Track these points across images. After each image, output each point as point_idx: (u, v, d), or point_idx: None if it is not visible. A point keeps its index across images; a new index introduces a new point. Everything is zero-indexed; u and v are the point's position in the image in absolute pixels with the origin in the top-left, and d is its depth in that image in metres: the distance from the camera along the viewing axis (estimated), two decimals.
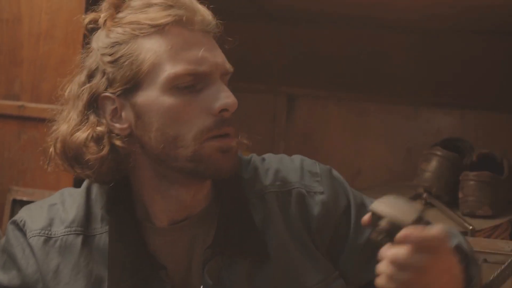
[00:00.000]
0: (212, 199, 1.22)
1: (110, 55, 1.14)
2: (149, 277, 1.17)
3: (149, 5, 1.14)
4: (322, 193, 1.24)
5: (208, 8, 1.20)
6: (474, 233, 1.84)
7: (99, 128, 1.15)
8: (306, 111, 2.89)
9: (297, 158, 1.31)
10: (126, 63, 1.13)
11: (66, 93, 1.21)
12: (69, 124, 1.18)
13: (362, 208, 1.26)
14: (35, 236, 1.21)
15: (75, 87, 1.20)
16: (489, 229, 1.93)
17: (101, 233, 1.20)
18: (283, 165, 1.28)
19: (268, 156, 1.31)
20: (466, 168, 2.11)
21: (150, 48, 1.12)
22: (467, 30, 2.63)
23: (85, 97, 1.16)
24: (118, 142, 1.14)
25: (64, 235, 1.21)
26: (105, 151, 1.14)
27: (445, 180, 2.11)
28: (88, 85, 1.17)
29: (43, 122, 2.03)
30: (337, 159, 2.79)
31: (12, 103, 2.04)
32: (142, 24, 1.13)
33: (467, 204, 2.01)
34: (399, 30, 2.72)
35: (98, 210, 1.22)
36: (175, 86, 1.12)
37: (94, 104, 1.16)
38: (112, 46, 1.14)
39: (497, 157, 2.16)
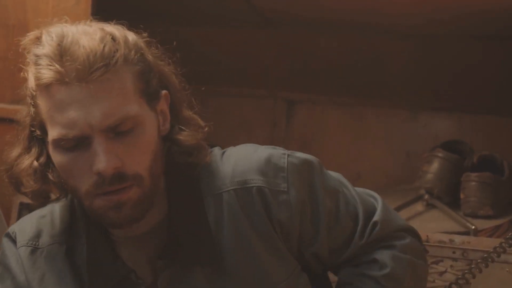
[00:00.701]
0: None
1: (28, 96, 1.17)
2: (123, 281, 1.19)
3: (39, 57, 1.11)
4: (285, 192, 1.18)
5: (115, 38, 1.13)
6: (476, 232, 1.87)
7: (36, 162, 1.17)
8: (306, 116, 2.92)
9: (266, 149, 1.23)
10: (33, 112, 1.16)
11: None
12: (16, 150, 1.21)
13: (338, 205, 1.22)
14: (23, 246, 1.25)
15: (24, 108, 1.22)
16: (491, 229, 1.96)
17: (82, 243, 1.23)
18: (245, 159, 1.20)
19: (230, 149, 1.25)
20: (467, 170, 2.14)
21: (40, 107, 1.13)
22: (465, 35, 2.66)
23: (27, 124, 1.20)
24: (50, 176, 1.17)
25: (49, 244, 1.24)
26: (38, 184, 1.17)
27: (446, 182, 2.14)
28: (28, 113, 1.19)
29: None
30: (337, 164, 2.81)
31: (19, 108, 2.05)
32: (32, 85, 1.14)
33: (468, 204, 2.05)
34: (397, 35, 2.75)
35: (80, 220, 1.24)
36: (59, 146, 1.12)
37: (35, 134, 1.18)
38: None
39: (498, 159, 2.20)
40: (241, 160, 1.20)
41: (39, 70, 1.10)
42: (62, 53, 1.08)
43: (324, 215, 1.20)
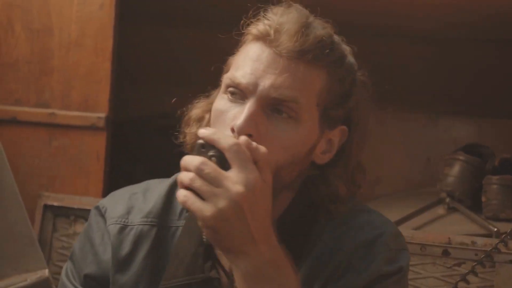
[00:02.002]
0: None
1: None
2: (202, 282, 1.17)
3: (263, 17, 1.16)
4: None
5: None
6: (499, 234, 1.86)
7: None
8: None
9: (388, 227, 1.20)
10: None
11: None
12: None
13: None
14: (112, 224, 1.23)
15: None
16: None
17: (176, 226, 1.22)
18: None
19: (363, 212, 1.22)
20: (488, 173, 2.14)
21: (239, 53, 1.17)
22: (484, 39, 2.66)
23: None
24: None
25: (139, 224, 1.23)
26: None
27: (468, 185, 2.14)
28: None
29: (73, 129, 2.12)
30: None
31: (43, 111, 2.09)
32: (249, 31, 1.16)
33: (490, 207, 2.04)
34: (416, 39, 2.75)
35: (179, 204, 1.22)
36: (225, 92, 1.14)
37: None
38: None
39: None
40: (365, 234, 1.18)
41: (256, 25, 1.14)
42: (298, 28, 1.11)
43: None
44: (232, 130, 1.09)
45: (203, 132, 1.03)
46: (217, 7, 2.51)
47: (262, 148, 1.03)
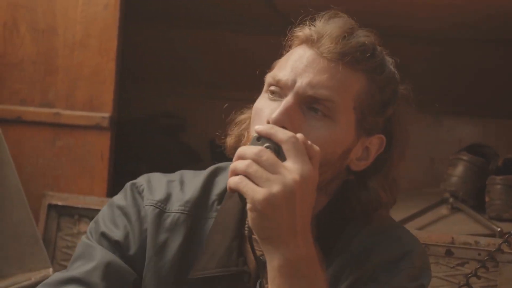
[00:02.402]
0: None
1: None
2: (232, 275, 1.18)
3: (310, 25, 1.18)
4: None
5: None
6: (502, 234, 1.86)
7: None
8: None
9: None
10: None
11: None
12: None
13: None
14: (151, 205, 1.23)
15: None
16: None
17: (209, 218, 1.23)
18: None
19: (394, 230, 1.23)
20: (492, 173, 2.14)
21: (285, 55, 1.20)
22: (487, 40, 2.66)
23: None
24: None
25: (177, 212, 1.23)
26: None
27: (471, 185, 2.14)
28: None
29: (77, 129, 2.13)
30: None
31: (47, 111, 2.10)
32: (294, 34, 1.20)
33: (493, 207, 2.05)
34: (419, 40, 2.75)
35: (213, 195, 1.24)
36: (267, 91, 1.17)
37: None
38: None
39: None
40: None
41: (302, 29, 1.18)
42: (340, 33, 1.14)
43: None
44: (268, 122, 1.10)
45: (259, 126, 1.06)
46: (220, 7, 2.52)
47: (316, 147, 1.05)
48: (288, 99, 1.12)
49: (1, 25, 2.12)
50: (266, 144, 1.04)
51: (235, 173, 1.02)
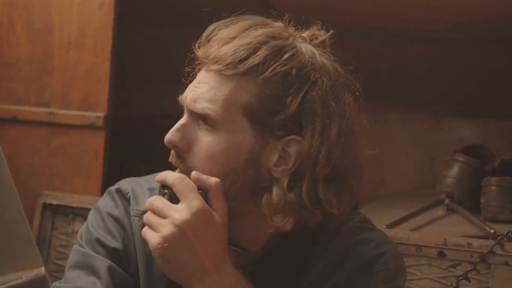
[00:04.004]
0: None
1: None
2: None
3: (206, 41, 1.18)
4: None
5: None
6: (495, 236, 1.85)
7: None
8: None
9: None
10: None
11: None
12: None
13: None
14: (136, 216, 1.22)
15: None
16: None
17: None
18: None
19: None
20: (488, 174, 2.12)
21: None
22: (488, 40, 2.65)
23: None
24: None
25: None
26: None
27: (467, 186, 2.13)
28: None
29: (72, 128, 2.14)
30: None
31: (43, 110, 2.11)
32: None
33: (489, 208, 2.03)
34: (421, 40, 2.74)
35: None
36: None
37: None
38: None
39: None
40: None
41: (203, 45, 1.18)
42: (219, 43, 1.14)
43: None
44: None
45: (158, 175, 1.11)
46: (217, 7, 2.52)
47: (213, 178, 1.09)
48: (182, 118, 1.15)
49: None
50: (166, 190, 1.10)
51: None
